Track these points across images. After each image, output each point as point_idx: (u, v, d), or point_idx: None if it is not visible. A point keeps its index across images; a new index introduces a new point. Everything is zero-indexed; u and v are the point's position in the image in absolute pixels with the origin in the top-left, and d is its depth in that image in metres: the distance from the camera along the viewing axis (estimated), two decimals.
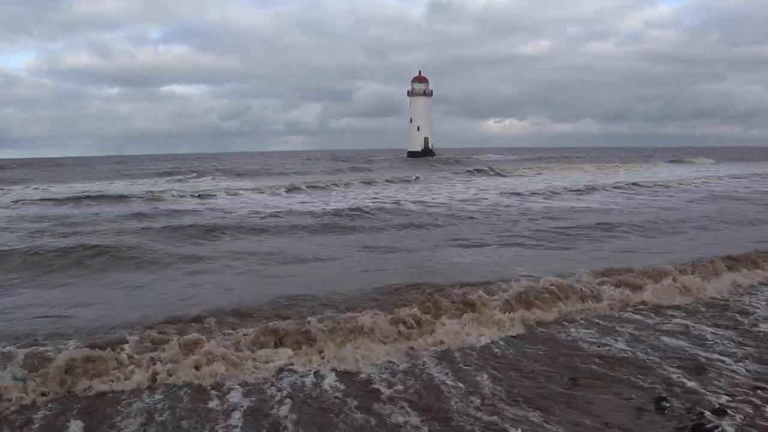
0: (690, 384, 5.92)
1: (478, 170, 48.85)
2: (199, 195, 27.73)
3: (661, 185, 32.85)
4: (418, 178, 39.85)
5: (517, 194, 27.30)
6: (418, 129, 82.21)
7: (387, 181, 37.75)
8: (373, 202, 23.50)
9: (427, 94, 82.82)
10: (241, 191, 29.70)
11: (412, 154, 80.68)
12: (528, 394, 5.78)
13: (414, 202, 23.64)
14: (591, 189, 30.23)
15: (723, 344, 7.09)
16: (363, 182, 36.66)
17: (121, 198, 26.96)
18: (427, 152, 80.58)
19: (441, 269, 11.46)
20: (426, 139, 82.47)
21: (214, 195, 27.98)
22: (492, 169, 49.14)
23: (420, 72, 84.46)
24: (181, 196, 27.20)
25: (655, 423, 5.17)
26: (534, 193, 27.57)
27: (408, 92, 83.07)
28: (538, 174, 47.37)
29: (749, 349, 6.92)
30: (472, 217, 19.26)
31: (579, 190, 29.28)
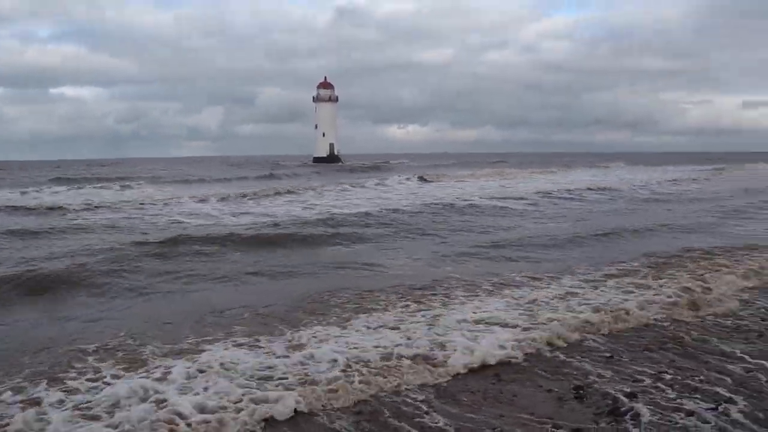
0: (603, 373, 6.41)
1: (417, 177, 45.07)
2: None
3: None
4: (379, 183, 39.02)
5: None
6: (324, 135, 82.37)
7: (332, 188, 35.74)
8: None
9: (333, 99, 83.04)
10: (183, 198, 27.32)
11: (318, 160, 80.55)
12: (454, 390, 6.08)
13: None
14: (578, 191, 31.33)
15: None
16: (323, 188, 34.80)
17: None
18: (332, 158, 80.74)
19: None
20: (332, 145, 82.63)
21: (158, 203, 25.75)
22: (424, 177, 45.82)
23: (326, 78, 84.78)
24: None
25: (576, 410, 5.58)
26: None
27: (313, 98, 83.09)
28: (487, 178, 47.90)
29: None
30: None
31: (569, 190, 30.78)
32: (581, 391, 5.94)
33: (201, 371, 6.36)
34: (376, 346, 7.11)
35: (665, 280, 10.43)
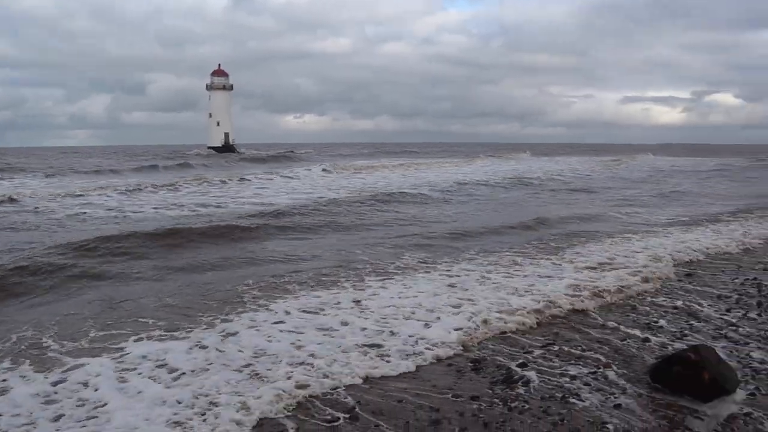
0: (498, 348, 6.99)
1: (322, 168, 42.62)
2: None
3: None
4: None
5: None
6: (218, 124, 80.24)
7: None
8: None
9: (227, 88, 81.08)
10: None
11: (213, 149, 78.46)
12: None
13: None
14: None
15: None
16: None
17: None
18: (227, 148, 78.83)
19: None
20: (227, 135, 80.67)
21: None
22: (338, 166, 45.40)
23: (219, 65, 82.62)
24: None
25: (473, 380, 6.08)
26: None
27: (207, 86, 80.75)
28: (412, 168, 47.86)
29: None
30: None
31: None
32: (478, 364, 6.47)
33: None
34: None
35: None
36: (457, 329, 7.47)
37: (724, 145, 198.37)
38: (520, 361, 6.52)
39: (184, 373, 6.14)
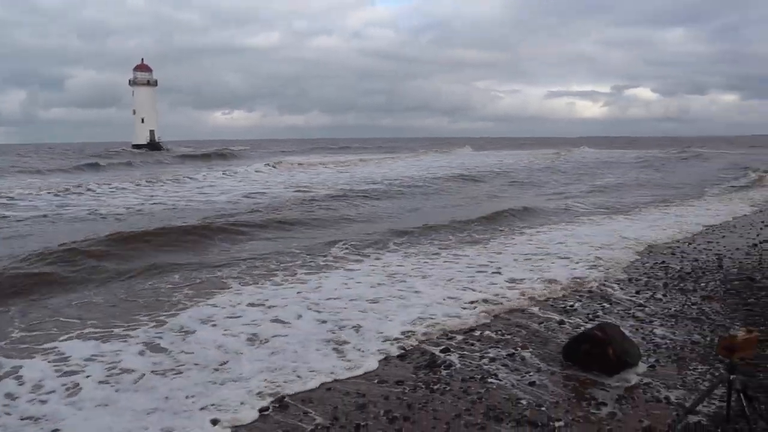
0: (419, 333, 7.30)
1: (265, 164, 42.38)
2: None
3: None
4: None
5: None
6: (143, 121, 77.53)
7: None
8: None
9: (152, 83, 78.39)
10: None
11: (137, 147, 75.45)
12: None
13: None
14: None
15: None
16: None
17: None
18: (153, 145, 76.06)
19: None
20: (152, 132, 78.04)
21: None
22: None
23: (143, 60, 79.85)
24: None
25: (399, 366, 6.36)
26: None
27: (130, 81, 77.63)
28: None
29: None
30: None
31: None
32: (404, 351, 6.76)
33: None
34: None
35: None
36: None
37: (643, 137, 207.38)
38: (443, 346, 6.85)
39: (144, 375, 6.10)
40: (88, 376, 6.07)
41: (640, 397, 5.48)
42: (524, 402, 5.39)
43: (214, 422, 5.08)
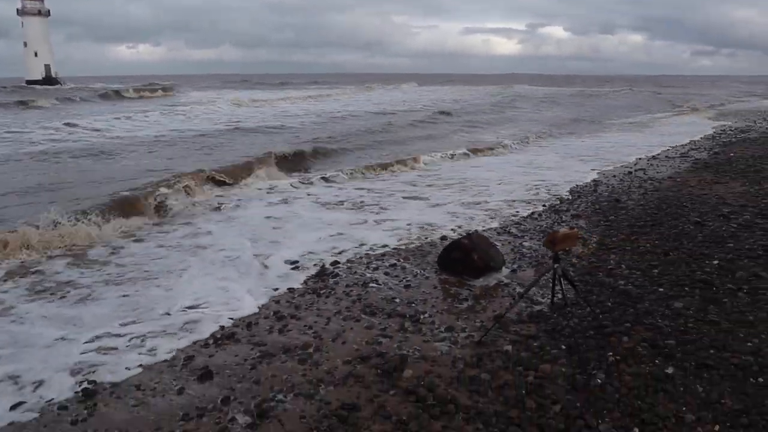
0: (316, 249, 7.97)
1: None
2: None
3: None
4: None
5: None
6: (36, 55, 72.77)
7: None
8: None
9: (43, 13, 72.70)
10: None
11: (32, 83, 70.09)
12: None
13: None
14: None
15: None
16: None
17: None
18: (50, 80, 71.35)
19: None
20: (47, 66, 73.08)
21: None
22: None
23: None
24: None
25: (291, 277, 7.01)
26: None
27: (18, 11, 71.46)
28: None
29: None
30: None
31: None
32: (297, 263, 7.42)
33: None
34: None
35: None
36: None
37: (557, 75, 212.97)
38: (333, 260, 7.54)
39: None
40: None
41: (497, 293, 6.35)
42: (397, 300, 6.16)
43: None
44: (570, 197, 11.36)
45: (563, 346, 4.96)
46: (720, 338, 5.01)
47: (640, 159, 16.48)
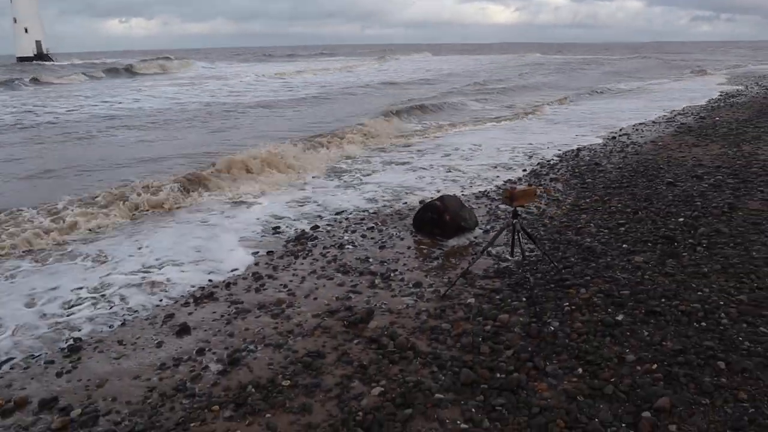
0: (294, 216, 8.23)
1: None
2: None
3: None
4: None
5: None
6: (27, 31, 72.20)
7: None
8: None
9: None
10: None
11: (23, 60, 69.94)
12: None
13: None
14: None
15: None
16: None
17: None
18: (41, 57, 70.82)
19: None
20: (38, 43, 72.36)
21: None
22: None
23: None
24: None
25: (272, 241, 7.27)
26: None
27: None
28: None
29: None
30: None
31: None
32: (278, 228, 7.67)
33: None
34: None
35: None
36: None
37: (556, 44, 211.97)
38: (314, 224, 7.80)
39: None
40: None
41: (468, 252, 6.61)
42: (371, 260, 6.43)
43: None
44: (552, 162, 11.56)
45: (524, 299, 5.23)
46: (672, 288, 5.28)
47: (636, 125, 16.62)
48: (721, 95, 24.51)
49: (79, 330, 5.07)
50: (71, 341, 4.85)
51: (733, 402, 3.66)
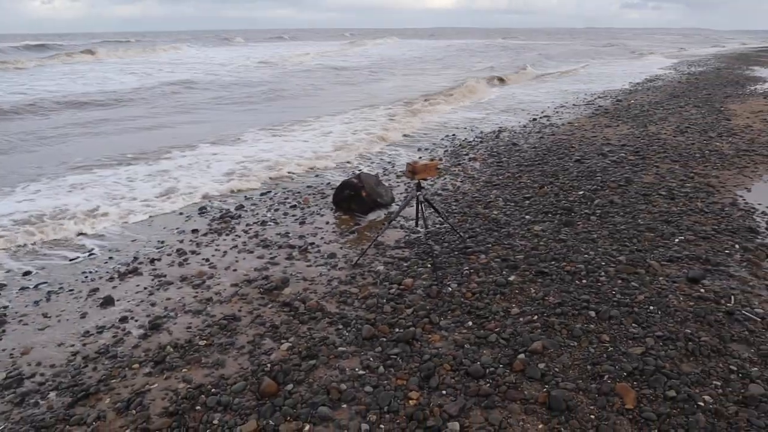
0: (225, 198, 8.48)
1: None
2: None
3: None
4: None
5: None
6: None
7: None
8: None
9: None
10: None
11: None
12: None
13: None
14: None
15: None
16: None
17: None
18: None
19: None
20: None
21: None
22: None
23: None
24: None
25: (198, 220, 7.53)
26: None
27: None
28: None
29: None
30: None
31: None
32: (204, 210, 7.93)
33: None
34: None
35: None
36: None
37: (492, 29, 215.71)
38: (239, 204, 8.10)
39: None
40: None
41: (381, 226, 7.05)
42: (290, 234, 6.79)
43: None
44: (472, 142, 12.12)
45: (429, 266, 5.70)
46: (563, 252, 5.85)
47: (547, 107, 17.41)
48: (643, 80, 25.73)
49: (6, 307, 5.26)
50: None
51: (597, 343, 4.21)
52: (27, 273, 5.99)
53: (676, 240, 6.19)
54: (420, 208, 5.69)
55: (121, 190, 8.86)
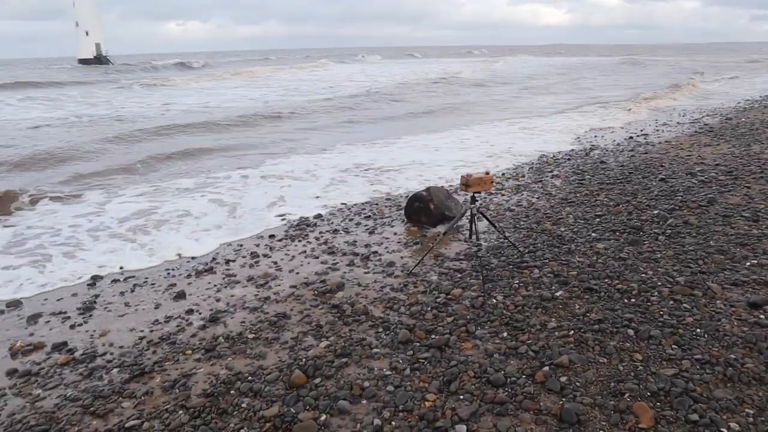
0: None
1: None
2: None
3: None
4: None
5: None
6: (87, 34, 75.29)
7: None
8: None
9: None
10: None
11: (84, 62, 73.12)
12: None
13: None
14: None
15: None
16: None
17: None
18: (99, 60, 73.85)
19: None
20: (98, 45, 75.21)
21: None
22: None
23: None
24: None
25: (278, 226, 8.04)
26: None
27: None
28: None
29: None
30: None
31: None
32: (283, 217, 8.45)
33: None
34: None
35: None
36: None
37: (607, 45, 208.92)
38: (317, 213, 8.56)
39: None
40: None
41: (452, 237, 7.23)
42: (358, 243, 7.13)
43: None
44: (559, 159, 12.01)
45: (482, 277, 5.84)
46: (619, 270, 5.80)
47: (642, 127, 16.85)
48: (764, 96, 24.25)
49: (97, 297, 5.94)
50: (88, 303, 5.72)
51: (628, 361, 4.21)
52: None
53: (747, 263, 5.95)
54: (473, 221, 5.85)
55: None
